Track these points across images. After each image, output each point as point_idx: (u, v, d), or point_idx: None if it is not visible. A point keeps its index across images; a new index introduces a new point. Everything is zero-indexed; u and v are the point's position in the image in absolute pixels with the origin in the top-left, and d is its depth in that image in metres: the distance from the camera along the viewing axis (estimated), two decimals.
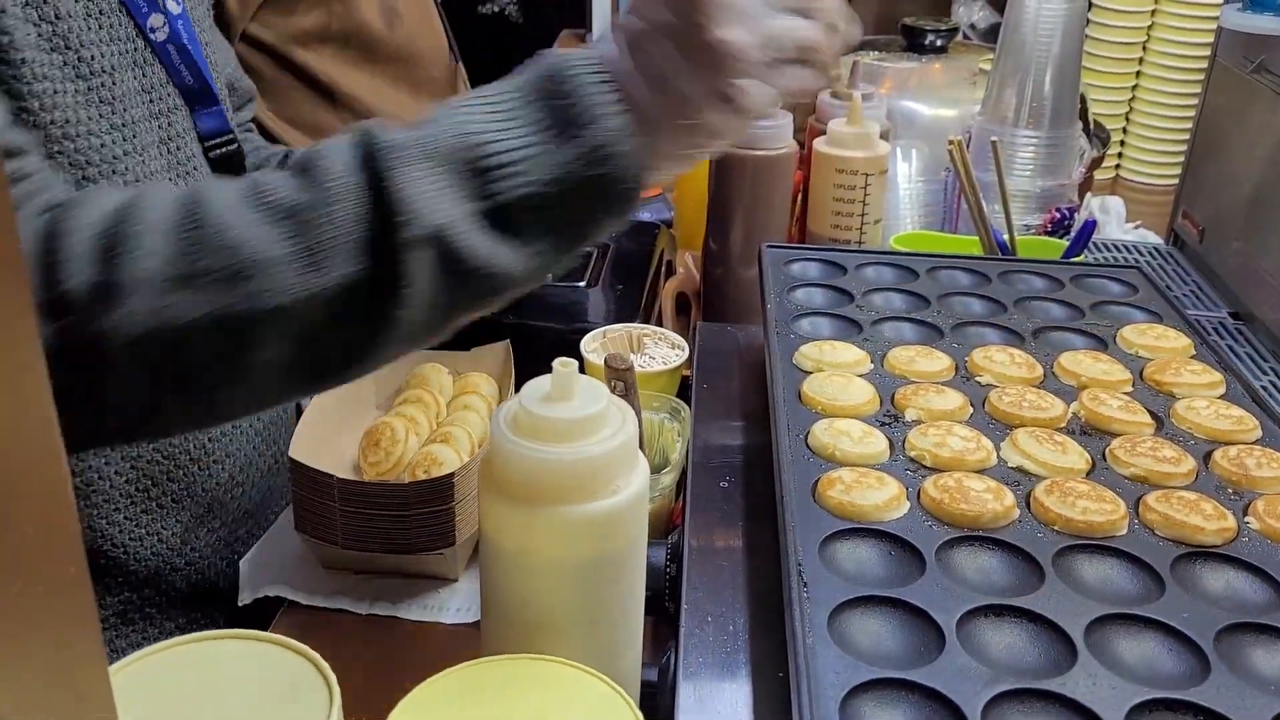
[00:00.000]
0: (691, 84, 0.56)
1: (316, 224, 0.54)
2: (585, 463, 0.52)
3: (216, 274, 0.52)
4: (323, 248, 0.53)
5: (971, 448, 0.65)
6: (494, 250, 0.55)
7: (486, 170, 0.55)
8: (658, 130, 0.57)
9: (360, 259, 0.53)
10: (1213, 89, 1.19)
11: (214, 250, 0.53)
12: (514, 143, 0.55)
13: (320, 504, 0.74)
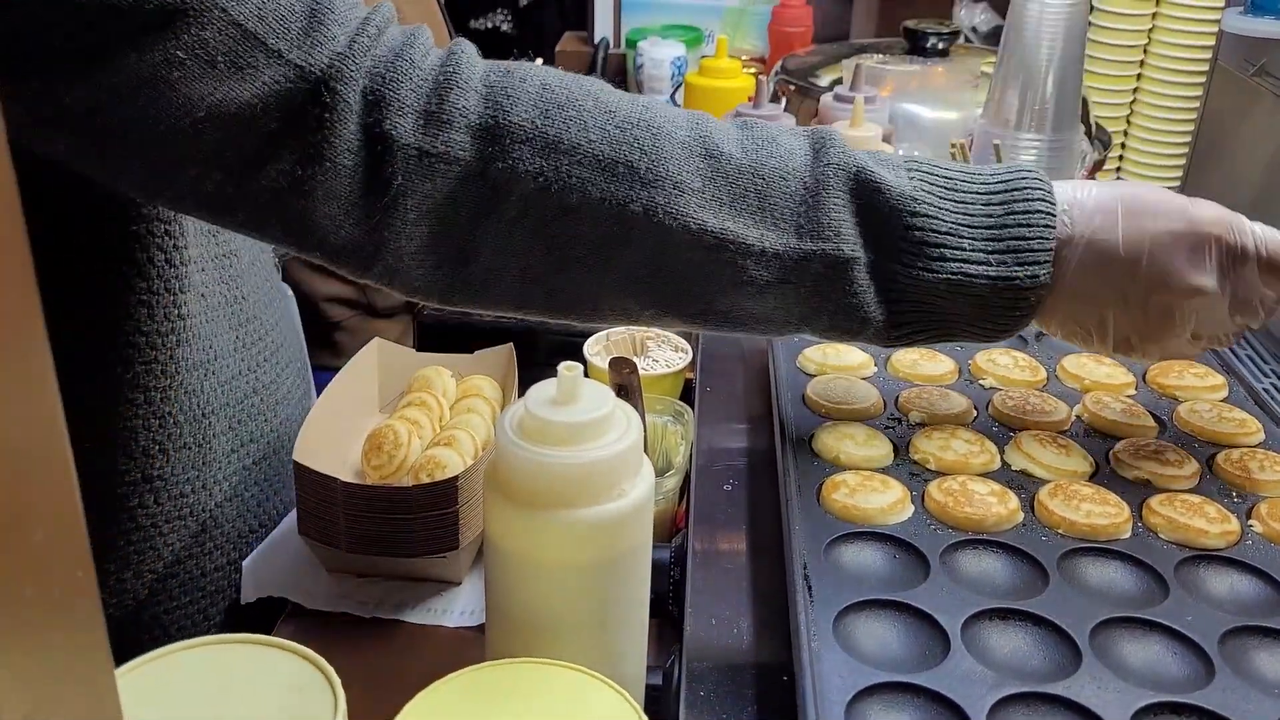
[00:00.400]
0: (1113, 321, 0.58)
1: (737, 175, 0.55)
2: (591, 466, 0.52)
3: (634, 169, 0.55)
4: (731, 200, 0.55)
5: (975, 451, 0.65)
6: (873, 301, 0.56)
7: (909, 239, 0.56)
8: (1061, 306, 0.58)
9: (758, 229, 0.55)
10: (1214, 92, 1.19)
11: (644, 150, 0.55)
12: (945, 228, 0.56)
13: (324, 507, 0.74)
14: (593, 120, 0.55)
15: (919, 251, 0.55)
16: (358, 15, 0.56)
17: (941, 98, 1.25)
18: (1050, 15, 1.07)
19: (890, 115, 1.14)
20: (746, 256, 0.55)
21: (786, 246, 0.55)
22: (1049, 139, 1.09)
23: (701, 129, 0.57)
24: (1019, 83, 1.09)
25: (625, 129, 0.55)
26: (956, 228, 0.56)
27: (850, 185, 0.56)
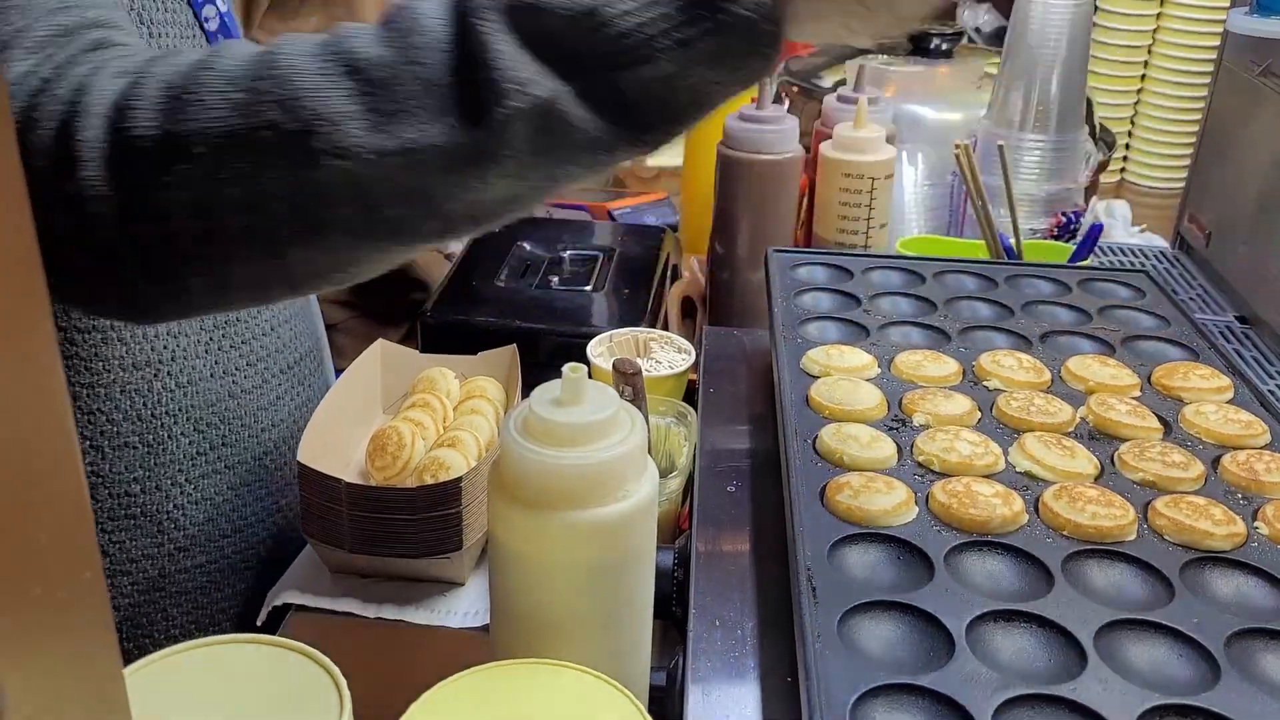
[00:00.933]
0: None
1: (396, 81, 0.49)
2: (595, 467, 0.52)
3: (278, 127, 0.49)
4: (401, 107, 0.49)
5: (980, 452, 0.65)
6: (600, 125, 0.49)
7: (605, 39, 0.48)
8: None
9: (448, 120, 0.49)
10: (1219, 92, 1.19)
11: (277, 101, 0.49)
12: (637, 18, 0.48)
13: (328, 508, 0.74)
14: (212, 97, 0.49)
15: (625, 46, 0.48)
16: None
17: (945, 98, 1.25)
18: (1054, 16, 1.07)
19: (894, 116, 1.14)
20: (448, 156, 0.49)
21: (479, 126, 0.48)
22: (1053, 139, 1.10)
23: (335, 47, 0.50)
24: (1023, 84, 1.10)
25: (252, 90, 0.49)
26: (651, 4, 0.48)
27: (509, 23, 0.49)
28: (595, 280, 1.10)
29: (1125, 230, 1.36)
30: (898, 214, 1.14)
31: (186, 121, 0.49)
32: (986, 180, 1.01)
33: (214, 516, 0.81)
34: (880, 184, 1.01)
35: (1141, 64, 1.59)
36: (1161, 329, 0.81)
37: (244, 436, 0.83)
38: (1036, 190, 1.10)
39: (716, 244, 1.07)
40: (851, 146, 1.01)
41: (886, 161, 1.01)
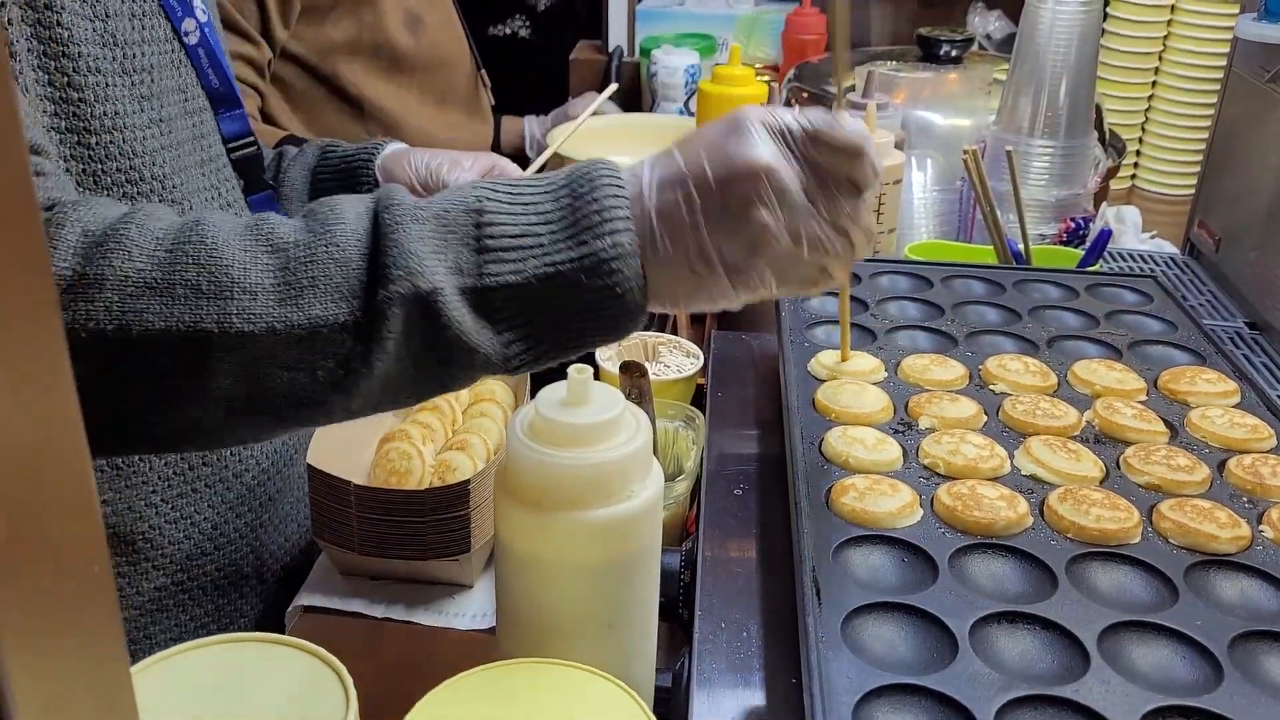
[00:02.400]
0: (713, 245, 0.56)
1: (308, 261, 0.54)
2: (600, 468, 0.53)
3: (195, 286, 0.53)
4: (307, 285, 0.54)
5: (985, 455, 0.65)
6: (475, 327, 0.55)
7: (485, 249, 0.55)
8: (662, 270, 0.56)
9: (344, 303, 0.54)
10: (1229, 99, 1.18)
11: (199, 264, 0.53)
12: (518, 229, 0.55)
13: (338, 510, 0.75)
14: (138, 248, 0.54)
15: (498, 258, 0.54)
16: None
17: (955, 104, 1.25)
18: (1063, 22, 1.07)
19: (903, 121, 1.14)
20: (340, 335, 0.54)
21: (371, 305, 0.54)
22: (1062, 145, 1.10)
23: (262, 227, 0.56)
24: (1031, 89, 1.10)
25: (176, 249, 0.54)
26: (530, 226, 0.55)
27: (410, 220, 0.55)
28: None
29: (1135, 236, 1.36)
30: (906, 219, 1.14)
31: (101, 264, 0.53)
32: (995, 186, 1.01)
33: (193, 535, 0.81)
34: (889, 189, 1.02)
35: (1152, 70, 1.59)
36: (1169, 334, 0.81)
37: (224, 455, 0.83)
38: (1045, 196, 1.10)
39: None
40: None
41: (895, 167, 1.01)
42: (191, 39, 0.79)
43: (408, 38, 1.49)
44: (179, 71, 0.78)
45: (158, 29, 0.76)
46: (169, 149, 0.75)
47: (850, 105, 1.09)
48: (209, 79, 0.80)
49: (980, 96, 1.23)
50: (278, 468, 0.88)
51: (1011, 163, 0.96)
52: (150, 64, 0.74)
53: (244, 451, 0.84)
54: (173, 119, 0.76)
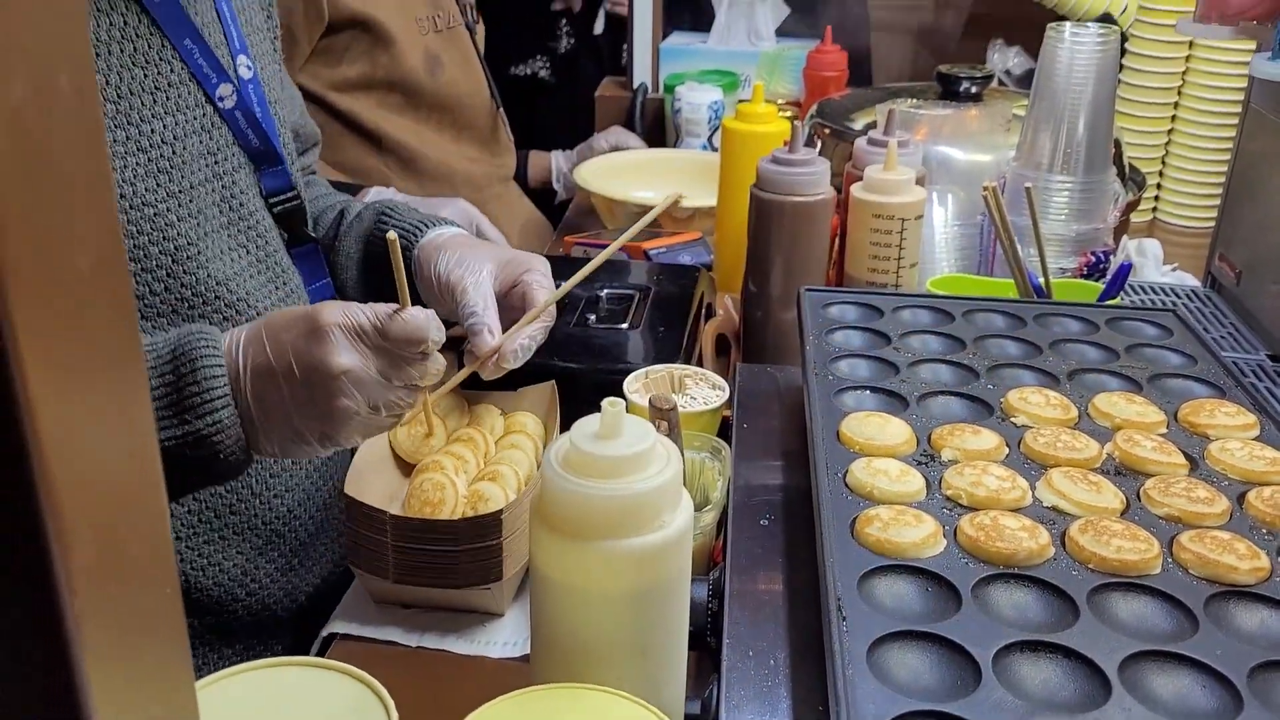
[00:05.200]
0: (304, 423, 0.68)
1: None
2: (633, 498, 0.54)
3: None
4: None
5: (1007, 487, 0.66)
6: None
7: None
8: (263, 434, 0.69)
9: None
10: (1246, 135, 1.20)
11: None
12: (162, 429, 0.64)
13: (373, 539, 0.77)
14: None
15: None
16: None
17: (975, 140, 1.27)
18: (1081, 59, 1.09)
19: (925, 157, 1.16)
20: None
21: None
22: (1081, 181, 1.11)
23: None
24: (1050, 126, 1.11)
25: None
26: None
27: None
28: (631, 318, 1.12)
29: (1157, 269, 1.37)
30: (928, 253, 1.16)
31: None
32: (1015, 220, 1.03)
33: (223, 582, 0.83)
34: (910, 225, 1.03)
35: (1171, 105, 1.61)
36: (1188, 367, 0.83)
37: (254, 504, 0.85)
38: (1065, 230, 1.12)
39: (750, 283, 1.09)
40: (881, 188, 1.03)
41: (916, 203, 1.03)
42: (227, 103, 0.81)
43: (426, 77, 1.53)
44: (209, 136, 0.80)
45: (186, 98, 0.78)
46: (190, 218, 0.77)
47: (871, 142, 1.11)
48: (248, 139, 0.83)
49: (1000, 132, 1.25)
50: (309, 511, 0.91)
51: (1030, 199, 0.98)
52: (172, 135, 0.76)
53: (272, 497, 0.86)
54: (196, 186, 0.78)
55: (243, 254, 0.83)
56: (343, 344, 0.68)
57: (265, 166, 0.86)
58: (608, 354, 1.04)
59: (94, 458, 0.29)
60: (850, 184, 1.08)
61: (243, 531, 0.84)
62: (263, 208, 0.86)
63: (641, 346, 1.07)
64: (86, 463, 0.28)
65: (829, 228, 1.06)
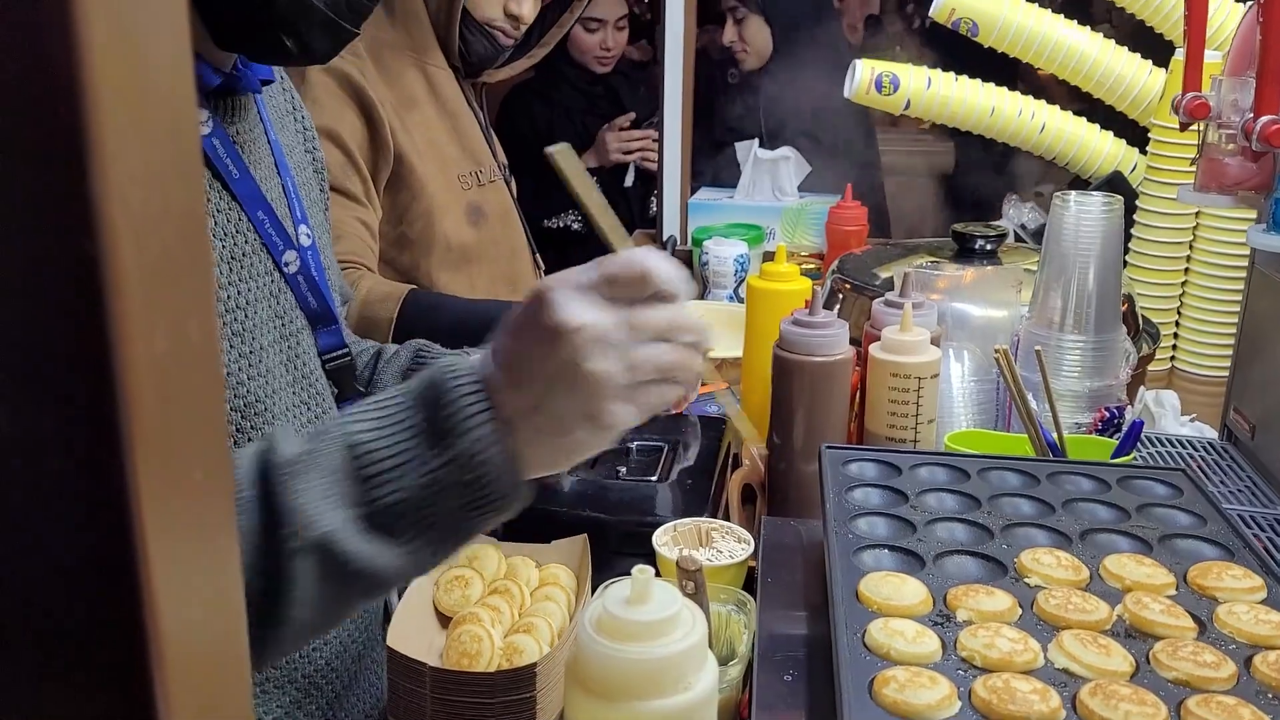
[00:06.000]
0: (563, 406, 0.63)
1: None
2: (660, 662, 0.58)
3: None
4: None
5: (1019, 649, 0.69)
6: (374, 551, 0.61)
7: (366, 478, 0.61)
8: (530, 443, 0.64)
9: (248, 571, 0.59)
10: (1253, 295, 1.25)
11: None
12: (390, 450, 0.62)
13: (413, 690, 0.80)
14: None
15: (381, 481, 0.60)
16: None
17: (989, 297, 1.33)
18: (1087, 225, 1.15)
19: (940, 315, 1.21)
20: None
21: (273, 568, 0.59)
22: (1092, 340, 1.16)
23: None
24: (1060, 287, 1.17)
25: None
26: (399, 442, 0.61)
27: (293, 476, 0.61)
28: (661, 470, 1.17)
29: (1175, 420, 1.40)
30: (946, 409, 1.20)
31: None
32: (1030, 377, 1.08)
33: None
34: (926, 383, 1.08)
35: (1184, 259, 1.67)
36: (1198, 527, 0.86)
37: (294, 657, 0.88)
38: (1079, 387, 1.16)
39: (774, 436, 1.14)
40: (898, 349, 1.09)
41: (931, 362, 1.08)
42: (291, 268, 0.88)
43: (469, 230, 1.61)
44: (276, 301, 0.87)
45: (258, 265, 0.85)
46: (259, 376, 0.83)
47: (888, 304, 1.17)
48: (308, 301, 0.90)
49: (1013, 290, 1.31)
50: (345, 663, 0.94)
51: (1041, 361, 1.02)
52: (246, 300, 0.83)
53: (311, 650, 0.90)
54: (265, 348, 0.84)
55: (303, 410, 0.89)
56: (571, 300, 0.63)
57: (321, 326, 0.92)
58: (638, 507, 1.08)
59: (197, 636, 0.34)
60: (869, 342, 1.13)
61: (283, 685, 0.87)
62: (319, 365, 0.93)
63: (670, 499, 1.12)
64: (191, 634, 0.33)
65: (848, 385, 1.11)
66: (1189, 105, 1.11)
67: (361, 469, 0.62)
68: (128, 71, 0.29)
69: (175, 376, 0.32)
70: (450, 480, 0.62)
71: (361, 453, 0.62)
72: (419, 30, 1.56)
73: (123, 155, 0.29)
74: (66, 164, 0.28)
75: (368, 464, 0.62)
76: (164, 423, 0.31)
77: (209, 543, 0.35)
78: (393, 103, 1.51)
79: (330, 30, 0.81)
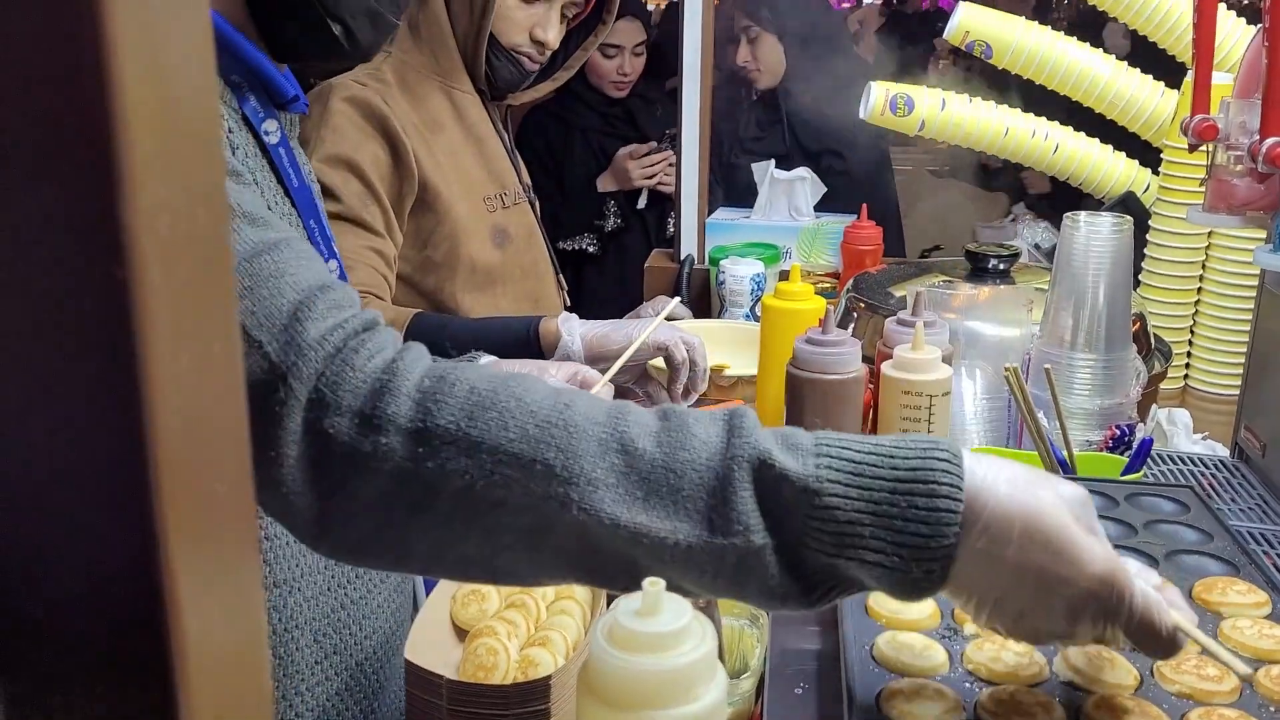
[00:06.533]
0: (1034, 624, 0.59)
1: (653, 477, 0.59)
2: (669, 672, 0.59)
3: (551, 468, 0.59)
4: (647, 498, 0.59)
5: (1025, 662, 0.70)
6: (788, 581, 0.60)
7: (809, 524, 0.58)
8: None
9: (678, 524, 0.59)
10: (1263, 314, 1.25)
11: (559, 448, 0.59)
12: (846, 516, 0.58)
13: (430, 702, 0.82)
14: (513, 420, 0.60)
15: (821, 538, 0.58)
16: (336, 317, 0.63)
17: (1002, 316, 1.34)
18: (1096, 246, 1.16)
19: (952, 334, 1.23)
20: (663, 548, 0.59)
21: (699, 539, 0.59)
22: (1102, 359, 1.17)
23: (619, 425, 0.61)
24: (1071, 306, 1.18)
25: (544, 428, 0.60)
26: (859, 516, 0.57)
27: (754, 475, 0.59)
28: None
29: (1187, 438, 1.41)
30: (958, 426, 1.21)
31: (482, 428, 0.60)
32: (1040, 394, 1.09)
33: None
34: (938, 401, 1.09)
35: (1197, 277, 1.67)
36: (1204, 543, 0.86)
37: (350, 644, 0.91)
38: (1090, 405, 1.17)
39: None
40: (910, 367, 1.10)
41: (943, 380, 1.10)
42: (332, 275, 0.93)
43: (494, 251, 1.63)
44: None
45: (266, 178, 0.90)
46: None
47: (900, 323, 1.18)
48: None
49: (1025, 309, 1.32)
50: (385, 655, 0.97)
51: (1050, 379, 1.03)
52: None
53: (365, 639, 0.93)
54: None
55: None
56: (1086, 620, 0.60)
57: None
58: None
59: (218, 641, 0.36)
60: (881, 361, 1.15)
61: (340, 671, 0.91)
62: None
63: None
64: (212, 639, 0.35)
65: (861, 403, 1.12)
66: (1197, 127, 1.13)
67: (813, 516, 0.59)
68: (157, 105, 0.31)
69: (199, 394, 0.34)
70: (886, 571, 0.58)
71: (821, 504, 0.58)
72: (445, 55, 1.58)
73: (151, 184, 0.31)
74: (99, 193, 0.30)
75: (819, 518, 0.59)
76: (188, 439, 0.33)
77: (230, 553, 0.36)
78: (417, 126, 1.53)
79: (372, 19, 0.86)
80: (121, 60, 0.30)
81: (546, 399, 0.62)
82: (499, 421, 0.60)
